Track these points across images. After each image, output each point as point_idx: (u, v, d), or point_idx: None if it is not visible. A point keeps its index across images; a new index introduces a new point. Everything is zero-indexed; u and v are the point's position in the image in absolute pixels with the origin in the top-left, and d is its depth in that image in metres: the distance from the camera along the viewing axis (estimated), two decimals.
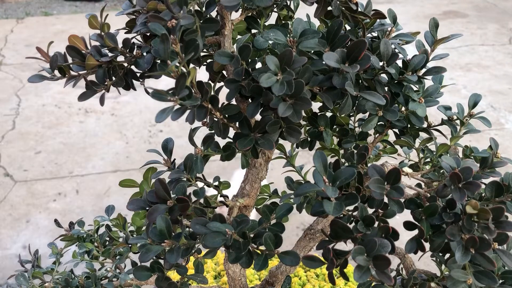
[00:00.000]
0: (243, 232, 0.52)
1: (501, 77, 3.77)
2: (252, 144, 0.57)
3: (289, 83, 0.51)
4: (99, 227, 0.94)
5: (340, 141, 0.74)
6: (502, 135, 2.98)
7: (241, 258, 0.53)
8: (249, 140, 0.57)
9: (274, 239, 0.52)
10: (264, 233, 0.52)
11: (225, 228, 0.51)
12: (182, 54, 0.51)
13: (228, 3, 0.55)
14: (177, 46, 0.50)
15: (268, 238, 0.52)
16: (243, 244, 0.51)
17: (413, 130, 0.70)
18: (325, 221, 0.79)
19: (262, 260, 0.53)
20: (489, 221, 0.53)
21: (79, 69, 0.60)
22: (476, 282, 0.54)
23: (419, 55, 0.66)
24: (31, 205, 2.49)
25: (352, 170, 0.51)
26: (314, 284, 1.34)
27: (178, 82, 0.48)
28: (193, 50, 0.51)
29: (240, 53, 0.55)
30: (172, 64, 0.48)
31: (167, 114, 0.48)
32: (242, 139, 0.57)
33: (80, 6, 5.80)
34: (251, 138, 0.57)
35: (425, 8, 5.29)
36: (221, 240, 0.51)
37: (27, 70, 4.01)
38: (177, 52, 0.50)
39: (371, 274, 0.49)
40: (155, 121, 0.49)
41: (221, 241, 0.51)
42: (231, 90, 0.57)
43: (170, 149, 0.68)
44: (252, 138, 0.57)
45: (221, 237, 0.51)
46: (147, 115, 3.29)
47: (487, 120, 0.71)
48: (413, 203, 0.59)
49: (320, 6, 0.61)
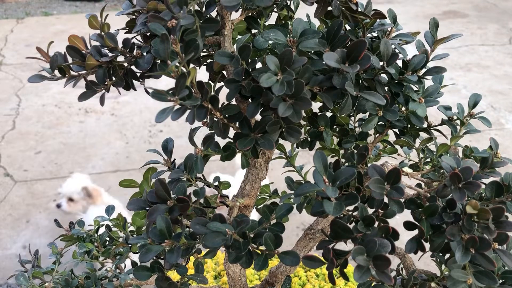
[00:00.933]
0: (243, 232, 0.52)
1: (501, 77, 3.77)
2: (252, 144, 0.57)
3: (289, 83, 0.51)
4: (99, 227, 0.94)
5: (340, 141, 0.74)
6: (502, 135, 2.98)
7: (241, 258, 0.53)
8: (249, 140, 0.57)
9: (274, 239, 0.52)
10: (264, 233, 0.52)
11: (225, 228, 0.51)
12: (182, 54, 0.51)
13: (228, 3, 0.55)
14: (177, 46, 0.50)
15: (268, 238, 0.52)
16: (243, 244, 0.51)
17: (413, 130, 0.70)
18: (325, 221, 0.79)
19: (262, 260, 0.53)
20: (489, 221, 0.52)
21: (79, 69, 0.60)
22: (476, 282, 0.54)
23: (419, 55, 0.66)
24: (31, 205, 2.49)
25: (352, 170, 0.51)
26: (314, 284, 1.34)
27: (178, 82, 0.48)
28: (193, 50, 0.51)
29: (240, 53, 0.55)
30: (172, 64, 0.48)
31: (167, 114, 0.48)
32: (242, 139, 0.57)
33: (80, 6, 5.80)
34: (251, 138, 0.57)
35: (425, 8, 5.29)
36: (221, 240, 0.51)
37: (27, 70, 4.01)
38: (177, 52, 0.50)
39: (371, 274, 0.49)
40: (155, 121, 0.49)
41: (221, 241, 0.51)
42: (231, 90, 0.57)
43: (170, 149, 0.68)
44: (252, 138, 0.57)
45: (221, 237, 0.51)
46: (147, 115, 3.29)
47: (487, 120, 0.71)
48: (413, 203, 0.59)
49: (320, 6, 0.61)
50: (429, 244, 0.58)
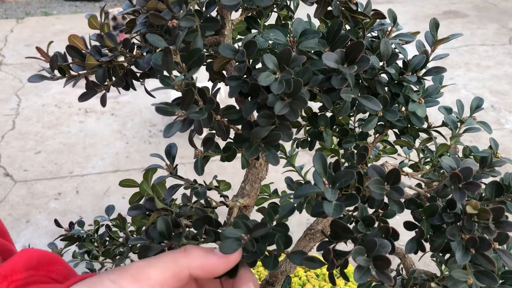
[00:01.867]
0: (258, 236, 0.52)
1: (501, 77, 3.77)
2: (258, 153, 0.57)
3: (287, 82, 0.51)
4: (99, 227, 0.94)
5: (340, 141, 0.74)
6: (502, 135, 2.98)
7: (256, 262, 0.54)
8: (255, 148, 0.57)
9: (285, 239, 0.53)
10: (272, 234, 0.52)
11: (240, 234, 0.51)
12: (184, 65, 0.50)
13: (228, 3, 0.55)
14: (177, 57, 0.50)
15: (280, 239, 0.52)
16: (259, 248, 0.52)
17: (413, 130, 0.70)
18: (325, 221, 0.79)
19: (273, 260, 0.53)
20: (489, 221, 0.52)
21: (79, 69, 0.60)
22: (476, 282, 0.54)
23: (419, 56, 0.65)
24: (31, 205, 2.49)
25: (352, 172, 0.51)
26: (314, 284, 1.34)
27: (185, 97, 0.47)
28: (197, 62, 0.50)
29: (246, 48, 0.55)
30: (177, 80, 0.48)
31: (176, 128, 0.48)
32: (248, 147, 0.57)
33: (80, 6, 5.81)
34: (256, 146, 0.57)
35: (425, 8, 5.29)
36: (237, 245, 0.51)
37: (27, 70, 4.01)
38: (178, 63, 0.50)
39: (371, 275, 0.49)
40: (163, 136, 0.48)
41: (238, 246, 0.51)
42: (233, 87, 0.57)
43: (173, 154, 0.67)
44: (258, 146, 0.57)
45: (237, 243, 0.51)
46: (147, 115, 3.29)
47: (488, 126, 0.71)
48: (413, 203, 0.59)
49: (320, 6, 0.61)
50: (429, 244, 0.58)
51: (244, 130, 0.57)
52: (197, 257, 0.50)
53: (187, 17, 0.52)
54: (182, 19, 0.52)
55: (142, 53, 0.60)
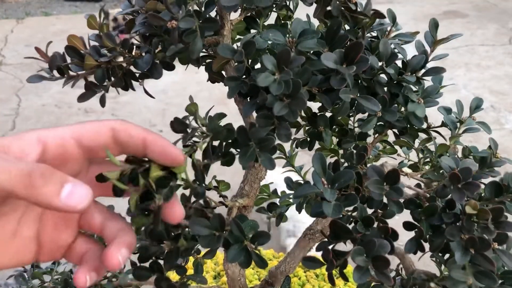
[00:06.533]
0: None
1: (501, 77, 3.77)
2: (254, 159, 0.56)
3: (286, 82, 0.51)
4: None
5: (340, 141, 0.74)
6: (502, 135, 2.98)
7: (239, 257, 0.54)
8: (250, 153, 0.56)
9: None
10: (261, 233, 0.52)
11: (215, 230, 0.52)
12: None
13: (227, 4, 0.55)
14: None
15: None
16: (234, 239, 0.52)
17: (412, 131, 0.70)
18: (325, 221, 0.79)
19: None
20: (489, 221, 0.52)
21: (78, 69, 0.60)
22: (476, 282, 0.54)
23: (418, 56, 0.65)
24: None
25: (351, 173, 0.51)
26: (314, 284, 1.34)
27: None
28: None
29: (244, 48, 0.55)
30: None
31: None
32: (243, 154, 0.56)
33: (80, 6, 5.80)
34: (252, 152, 0.55)
35: (425, 8, 5.28)
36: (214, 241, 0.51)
37: (27, 70, 4.01)
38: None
39: (370, 275, 0.49)
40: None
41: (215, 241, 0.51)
42: (232, 88, 0.57)
43: None
44: (253, 152, 0.55)
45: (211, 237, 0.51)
46: (147, 115, 3.29)
47: (487, 126, 0.71)
48: (413, 203, 0.59)
49: (319, 6, 0.61)
50: (428, 244, 0.58)
51: (240, 135, 0.56)
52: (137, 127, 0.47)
53: (186, 18, 0.52)
54: (181, 20, 0.52)
55: (141, 54, 0.60)
